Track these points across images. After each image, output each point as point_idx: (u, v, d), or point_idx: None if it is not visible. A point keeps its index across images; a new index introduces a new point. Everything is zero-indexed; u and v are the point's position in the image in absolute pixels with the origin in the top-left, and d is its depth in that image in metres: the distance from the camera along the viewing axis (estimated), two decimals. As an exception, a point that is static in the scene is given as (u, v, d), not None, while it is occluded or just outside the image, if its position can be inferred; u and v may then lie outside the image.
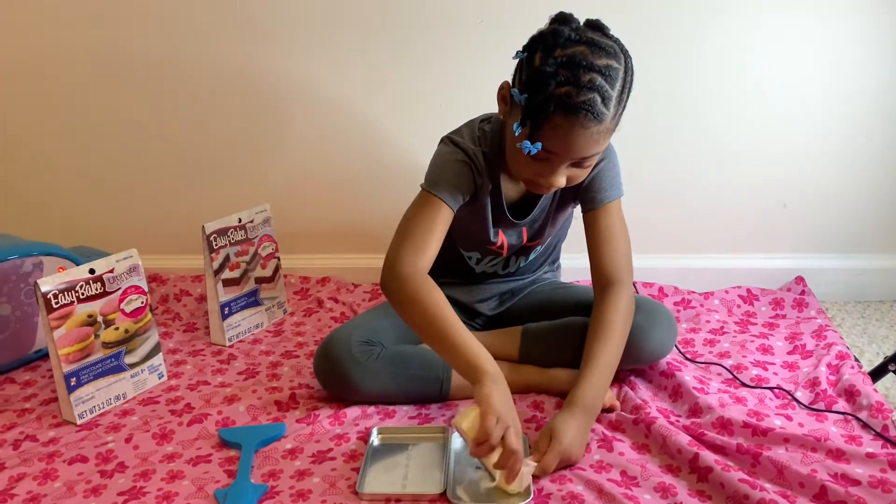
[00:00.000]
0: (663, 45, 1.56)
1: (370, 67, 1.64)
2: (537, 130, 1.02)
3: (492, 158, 1.20)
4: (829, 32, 1.53)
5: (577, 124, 1.00)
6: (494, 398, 0.98)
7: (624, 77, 1.04)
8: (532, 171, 1.10)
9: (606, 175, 1.21)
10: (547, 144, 1.03)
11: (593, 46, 1.01)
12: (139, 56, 1.68)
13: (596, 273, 1.21)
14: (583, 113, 0.99)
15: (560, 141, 1.03)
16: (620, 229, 1.22)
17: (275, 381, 1.32)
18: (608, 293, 1.18)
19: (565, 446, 1.03)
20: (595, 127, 1.01)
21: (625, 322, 1.17)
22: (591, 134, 1.02)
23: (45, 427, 1.20)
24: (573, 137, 1.02)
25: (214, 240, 1.43)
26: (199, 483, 1.04)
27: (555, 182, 1.08)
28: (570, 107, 0.99)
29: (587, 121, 1.00)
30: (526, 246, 1.33)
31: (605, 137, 1.05)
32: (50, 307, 1.15)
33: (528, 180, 1.13)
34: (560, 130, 1.01)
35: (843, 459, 1.02)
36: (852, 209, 1.65)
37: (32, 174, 1.80)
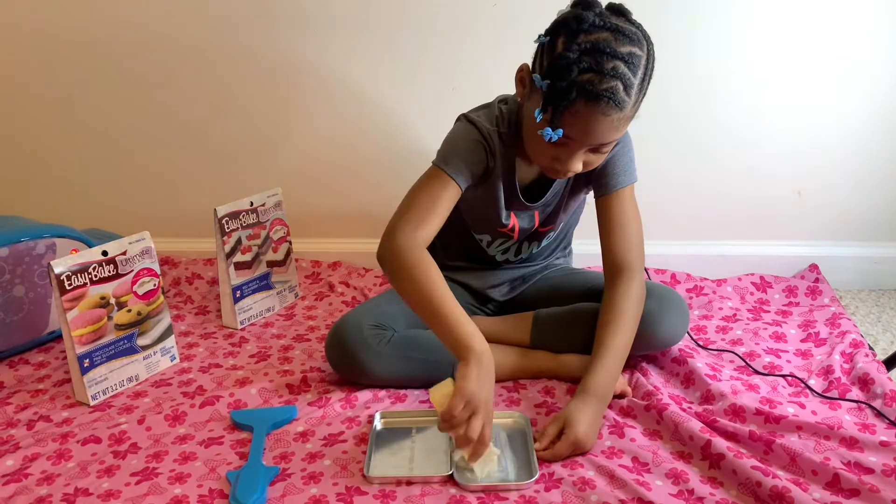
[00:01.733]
0: (681, 29, 1.55)
1: (382, 52, 1.63)
2: (559, 117, 1.01)
3: (507, 139, 1.19)
4: (847, 19, 1.51)
5: (598, 111, 1.00)
6: (470, 379, 0.97)
7: (646, 64, 1.03)
8: (549, 157, 1.09)
9: (620, 161, 1.21)
10: (567, 131, 1.02)
11: (617, 33, 1.00)
12: (153, 42, 1.68)
13: (607, 259, 1.21)
14: (605, 100, 0.98)
15: (580, 127, 1.02)
16: (633, 215, 1.22)
17: (286, 365, 1.32)
18: (619, 280, 1.17)
19: (579, 436, 1.03)
20: (616, 114, 1.01)
21: (636, 309, 1.17)
22: (612, 121, 1.01)
23: (59, 408, 1.21)
24: (594, 124, 1.01)
25: (226, 223, 1.43)
26: (211, 465, 1.04)
27: (572, 167, 1.08)
28: (592, 94, 0.98)
29: (609, 108, 0.99)
30: (538, 231, 1.32)
31: (625, 125, 1.05)
32: (63, 289, 1.16)
33: (545, 165, 1.12)
34: (581, 117, 1.01)
35: (856, 447, 1.02)
36: (867, 197, 1.63)
37: (46, 158, 1.81)
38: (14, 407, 1.21)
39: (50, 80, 1.74)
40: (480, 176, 1.21)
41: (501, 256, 1.37)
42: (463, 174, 1.16)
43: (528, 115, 1.08)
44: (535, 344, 1.27)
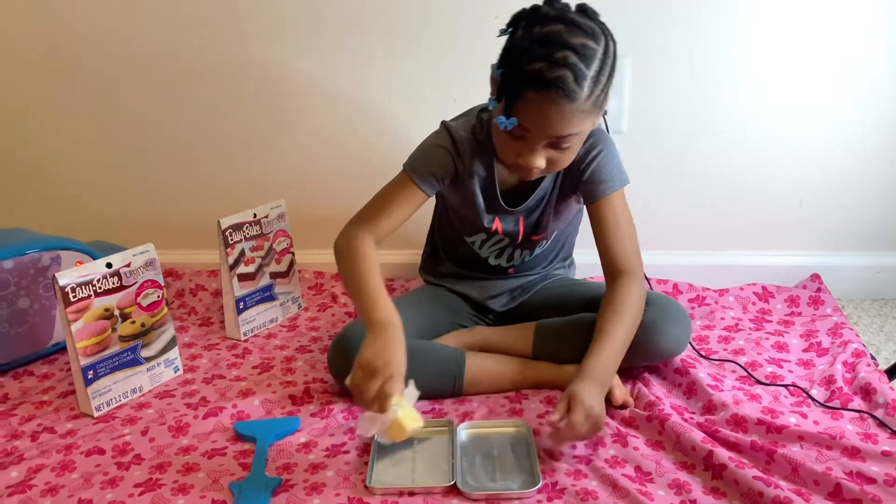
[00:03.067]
0: (682, 40, 1.56)
1: (386, 62, 1.64)
2: (512, 105, 1.04)
3: (485, 145, 1.22)
4: (850, 28, 1.52)
5: (549, 101, 1.01)
6: (366, 347, 1.01)
7: (602, 59, 1.03)
8: (512, 152, 1.11)
9: (605, 167, 1.22)
10: (521, 120, 1.05)
11: (571, 25, 1.02)
12: (157, 53, 1.69)
13: (606, 264, 1.22)
14: (554, 89, 1.00)
15: (534, 117, 1.04)
16: (625, 218, 1.23)
17: (289, 376, 1.33)
18: (619, 282, 1.19)
19: (589, 405, 1.02)
20: (568, 105, 1.01)
21: (636, 308, 1.17)
22: (564, 112, 1.02)
23: (63, 419, 1.21)
24: (546, 114, 1.03)
25: (230, 235, 1.43)
26: (215, 476, 1.05)
27: (534, 161, 1.09)
28: (542, 82, 1.00)
29: (559, 97, 1.01)
30: (530, 239, 1.33)
31: (582, 119, 1.05)
32: (68, 301, 1.16)
33: (512, 163, 1.14)
34: (533, 106, 1.03)
35: (858, 457, 1.02)
36: (869, 206, 1.63)
37: (50, 170, 1.82)
38: (19, 418, 1.22)
39: (54, 93, 1.75)
40: (451, 181, 1.24)
41: (495, 261, 1.37)
42: (426, 179, 1.22)
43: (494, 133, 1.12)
44: (537, 354, 1.28)
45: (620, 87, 1.59)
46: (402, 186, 1.22)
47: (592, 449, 1.09)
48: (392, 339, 1.04)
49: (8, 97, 1.77)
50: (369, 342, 1.03)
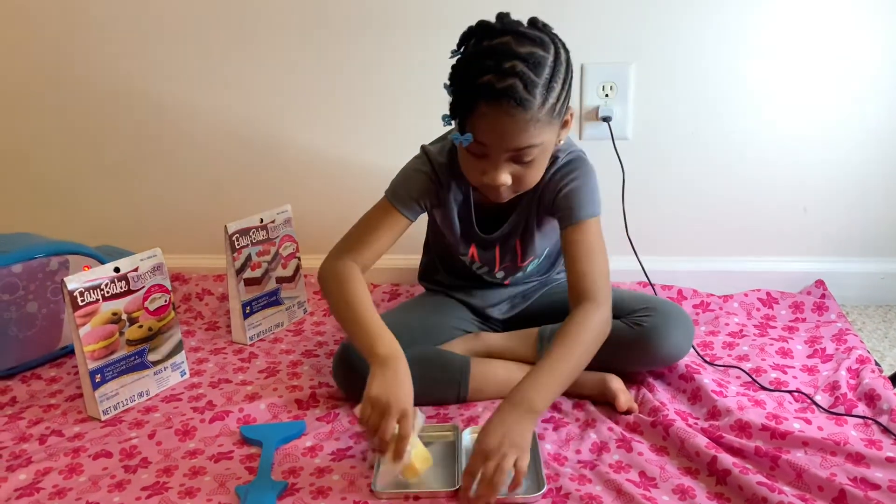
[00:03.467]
0: (686, 47, 1.56)
1: (392, 68, 1.65)
2: (466, 121, 1.04)
3: (460, 172, 1.20)
4: (856, 34, 1.52)
5: (502, 112, 1.01)
6: (373, 384, 1.00)
7: (553, 66, 1.03)
8: (477, 171, 1.10)
9: (578, 193, 1.18)
10: (478, 135, 1.05)
11: (519, 36, 1.02)
12: (163, 57, 1.70)
13: (572, 290, 1.15)
14: (506, 99, 1.00)
15: (489, 131, 1.04)
16: (597, 248, 1.17)
17: (295, 380, 1.34)
18: (579, 309, 1.11)
19: (487, 446, 0.97)
20: (521, 114, 1.01)
21: (593, 340, 1.09)
22: (518, 122, 1.02)
23: (71, 422, 1.22)
24: (501, 126, 1.03)
25: (236, 240, 1.44)
26: (221, 479, 1.05)
27: (498, 178, 1.08)
28: (492, 93, 1.00)
29: (511, 108, 1.00)
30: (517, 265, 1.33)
31: (539, 128, 1.04)
32: (76, 305, 1.17)
33: (478, 184, 1.13)
34: (487, 119, 1.02)
35: (862, 463, 1.02)
36: (873, 213, 1.63)
37: (58, 175, 1.83)
38: (27, 421, 1.23)
39: (62, 100, 1.76)
40: (433, 205, 1.25)
41: (489, 277, 1.37)
42: (408, 205, 1.21)
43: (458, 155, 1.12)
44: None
45: (625, 94, 1.59)
46: (385, 213, 1.21)
47: (597, 454, 1.09)
48: (398, 373, 1.03)
49: (14, 101, 1.78)
50: (376, 377, 1.01)
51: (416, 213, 1.23)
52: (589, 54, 1.59)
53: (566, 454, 1.10)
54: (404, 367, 1.04)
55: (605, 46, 1.58)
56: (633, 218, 1.51)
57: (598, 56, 1.59)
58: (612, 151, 1.55)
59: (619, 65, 1.59)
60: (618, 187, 1.53)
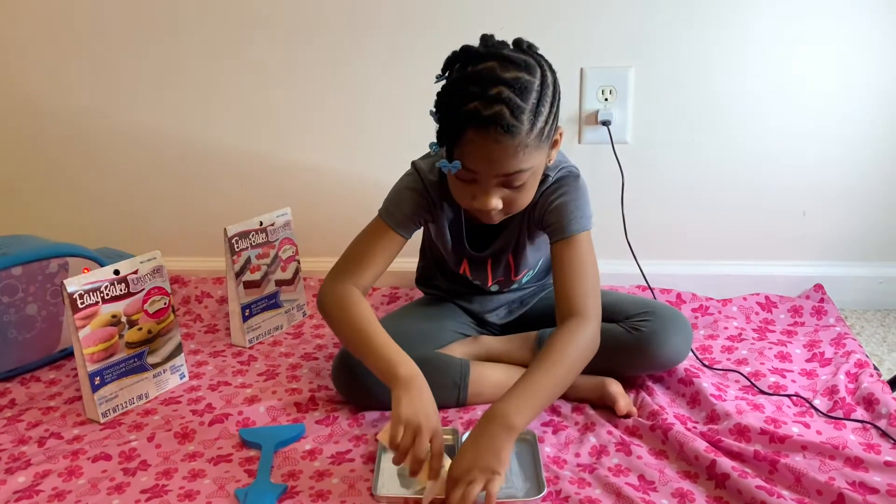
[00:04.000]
0: (684, 50, 1.57)
1: (394, 70, 1.65)
2: (454, 148, 1.03)
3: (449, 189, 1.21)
4: (854, 38, 1.53)
5: (490, 139, 0.99)
6: (400, 405, 1.00)
7: (540, 90, 1.02)
8: (468, 195, 1.09)
9: (567, 209, 1.17)
10: (466, 162, 1.03)
11: (504, 60, 1.00)
12: (162, 60, 1.70)
13: (559, 305, 1.12)
14: (493, 127, 0.98)
15: (477, 158, 1.02)
16: (587, 263, 1.15)
17: (294, 383, 1.34)
18: (570, 324, 1.09)
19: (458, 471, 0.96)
20: (509, 141, 0.99)
21: (579, 357, 1.07)
22: (507, 149, 1.00)
23: (70, 425, 1.22)
24: (489, 153, 1.01)
25: (236, 242, 1.44)
26: (220, 482, 1.05)
27: (489, 203, 1.06)
28: (479, 121, 0.98)
29: (499, 135, 0.99)
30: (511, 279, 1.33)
31: (528, 154, 1.02)
32: (76, 307, 1.17)
33: (469, 208, 1.12)
34: (474, 146, 1.01)
35: (861, 467, 1.02)
36: (873, 217, 1.64)
37: (58, 177, 1.83)
38: (26, 424, 1.23)
39: (61, 101, 1.76)
40: (429, 220, 1.24)
41: (484, 287, 1.37)
42: (403, 224, 1.21)
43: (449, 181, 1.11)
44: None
45: (624, 98, 1.60)
46: (381, 234, 1.21)
47: (596, 457, 1.09)
48: (423, 393, 1.03)
49: (15, 103, 1.78)
50: (402, 399, 1.01)
51: (410, 230, 1.23)
52: (588, 58, 1.59)
53: (566, 457, 1.10)
54: (427, 387, 1.04)
55: (604, 50, 1.59)
56: (632, 222, 1.51)
57: (597, 60, 1.59)
58: (612, 155, 1.55)
59: (618, 69, 1.59)
60: (617, 191, 1.53)
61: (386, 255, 1.21)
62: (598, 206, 1.23)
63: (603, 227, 1.20)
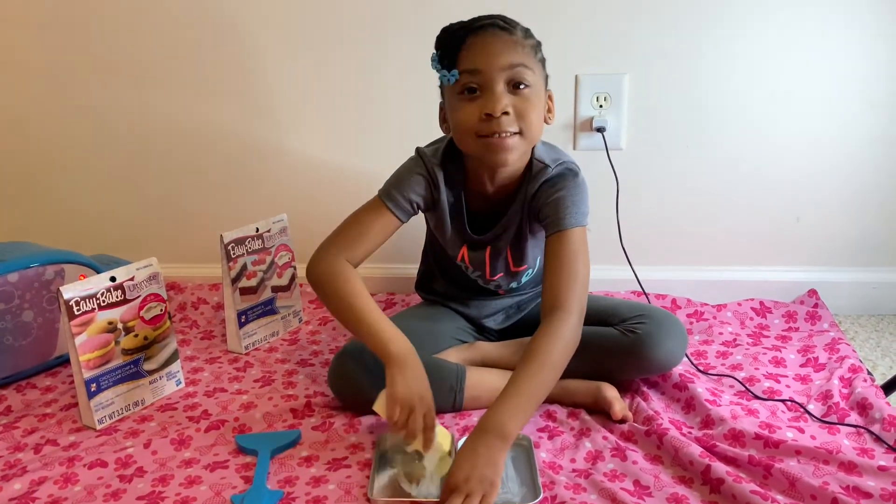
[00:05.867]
0: (679, 57, 1.58)
1: (389, 74, 1.66)
2: (455, 60, 1.12)
3: (453, 172, 1.24)
4: (846, 44, 1.54)
5: (489, 35, 1.11)
6: (396, 383, 1.07)
7: (527, 29, 1.15)
8: (475, 114, 1.13)
9: (564, 202, 1.18)
10: (469, 64, 1.11)
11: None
12: (160, 65, 1.71)
13: (545, 298, 1.14)
14: (490, 27, 1.12)
15: (478, 54, 1.11)
16: (577, 258, 1.15)
17: (290, 389, 1.34)
18: (552, 319, 1.09)
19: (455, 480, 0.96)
20: (506, 36, 1.11)
21: (563, 352, 1.08)
22: (506, 41, 1.11)
23: (66, 432, 1.22)
24: (490, 46, 1.11)
25: (232, 249, 1.45)
26: (217, 488, 1.05)
27: (499, 103, 1.10)
28: (477, 27, 1.12)
29: (497, 31, 1.11)
30: (511, 271, 1.34)
31: (527, 54, 1.12)
32: (72, 314, 1.17)
33: (478, 128, 1.13)
34: (476, 47, 1.11)
35: (855, 472, 1.03)
36: (866, 223, 1.65)
37: (54, 183, 1.83)
38: (21, 431, 1.22)
39: (57, 107, 1.77)
40: (426, 207, 1.26)
41: (483, 283, 1.38)
42: (401, 206, 1.22)
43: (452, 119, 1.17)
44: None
45: (619, 104, 1.61)
46: (377, 213, 1.22)
47: (591, 462, 1.10)
48: (416, 370, 1.09)
49: (11, 110, 1.78)
50: (396, 377, 1.06)
51: (408, 213, 1.24)
52: (583, 65, 1.60)
53: (561, 462, 1.10)
54: (419, 363, 1.10)
55: (599, 57, 1.60)
56: (627, 227, 1.52)
57: (592, 67, 1.60)
58: (607, 161, 1.56)
59: (613, 76, 1.60)
60: (612, 197, 1.54)
61: (380, 235, 1.23)
62: (593, 211, 1.23)
63: (598, 232, 1.21)
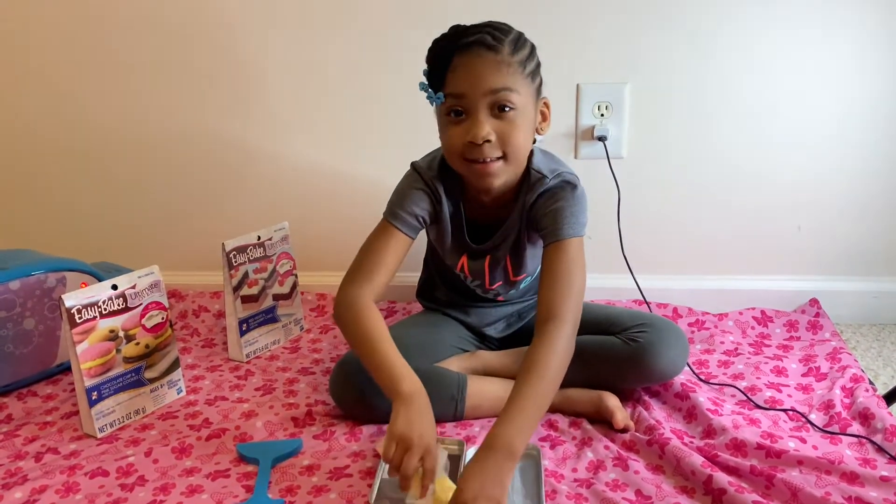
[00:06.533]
0: (680, 66, 1.58)
1: (392, 83, 1.66)
2: (442, 82, 1.11)
3: (451, 183, 1.24)
4: (847, 56, 1.54)
5: (473, 56, 1.09)
6: (397, 421, 1.01)
7: (518, 36, 1.13)
8: (460, 137, 1.13)
9: (562, 213, 1.18)
10: (453, 88, 1.11)
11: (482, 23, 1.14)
12: (163, 72, 1.71)
13: (540, 307, 1.13)
14: (475, 45, 1.09)
15: (462, 77, 1.10)
16: (575, 268, 1.15)
17: (291, 398, 1.34)
18: (547, 329, 1.09)
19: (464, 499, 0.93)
20: (492, 56, 1.09)
21: (560, 362, 1.07)
22: (490, 63, 1.09)
23: (67, 440, 1.22)
24: (474, 69, 1.10)
25: (234, 257, 1.45)
26: (218, 497, 1.05)
27: (481, 130, 1.11)
28: (463, 46, 1.10)
29: (482, 50, 1.09)
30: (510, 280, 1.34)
31: (513, 75, 1.10)
32: (74, 322, 1.17)
33: (462, 152, 1.14)
34: (461, 69, 1.10)
35: (857, 482, 1.02)
36: (868, 232, 1.65)
37: (56, 191, 1.83)
38: (22, 439, 1.22)
39: (59, 115, 1.77)
40: (431, 220, 1.27)
41: (482, 292, 1.38)
42: (408, 224, 1.23)
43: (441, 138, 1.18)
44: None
45: (620, 113, 1.61)
46: (388, 235, 1.23)
47: (593, 472, 1.10)
48: (422, 410, 1.04)
49: (12, 116, 1.79)
50: (400, 414, 1.02)
51: (415, 229, 1.25)
52: (584, 74, 1.60)
53: (563, 472, 1.10)
54: (427, 404, 1.05)
55: (600, 66, 1.60)
56: (628, 236, 1.52)
57: (593, 76, 1.61)
58: (608, 170, 1.56)
59: (614, 85, 1.60)
60: (613, 206, 1.54)
61: (394, 256, 1.23)
62: (594, 220, 1.24)
63: (599, 241, 1.21)
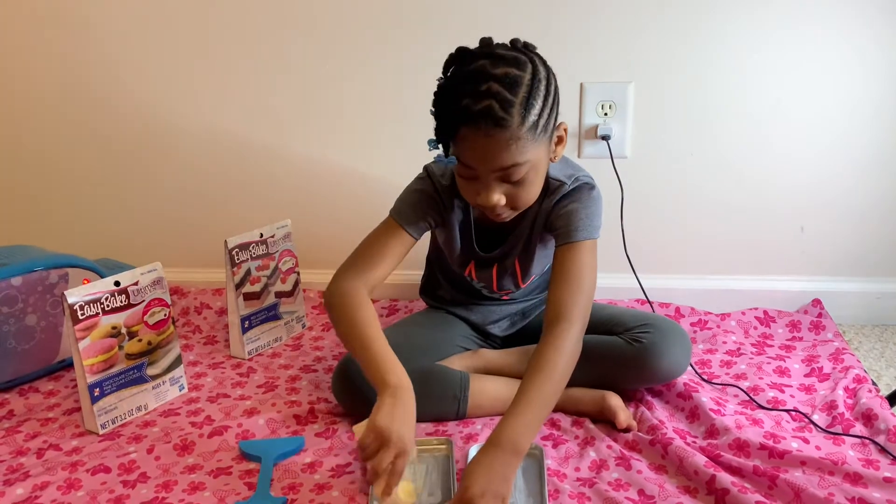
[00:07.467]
0: (683, 65, 1.58)
1: (396, 83, 1.66)
2: (449, 146, 1.06)
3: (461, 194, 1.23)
4: (851, 56, 1.54)
5: (481, 134, 1.02)
6: (381, 413, 1.00)
7: (531, 84, 1.03)
8: (472, 193, 1.11)
9: (575, 216, 1.18)
10: (463, 159, 1.06)
11: (494, 58, 1.03)
12: (166, 70, 1.71)
13: (549, 308, 1.12)
14: (483, 121, 1.00)
15: (472, 153, 1.05)
16: (585, 271, 1.14)
17: (294, 395, 1.34)
18: (556, 330, 1.08)
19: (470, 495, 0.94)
20: (500, 134, 1.01)
21: (567, 363, 1.07)
22: (499, 142, 1.02)
23: (68, 436, 1.22)
24: (483, 148, 1.03)
25: (236, 254, 1.45)
26: (220, 495, 1.05)
27: (490, 199, 1.08)
28: (470, 117, 1.01)
29: (489, 128, 1.01)
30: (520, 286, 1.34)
31: (523, 146, 1.04)
32: (76, 318, 1.17)
33: (474, 202, 1.13)
34: (468, 143, 1.04)
35: (860, 483, 1.02)
36: (870, 233, 1.64)
37: (59, 188, 1.83)
38: (24, 435, 1.22)
39: (61, 111, 1.77)
40: (438, 224, 1.26)
41: (487, 292, 1.38)
42: (414, 224, 1.22)
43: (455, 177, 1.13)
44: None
45: (623, 113, 1.61)
46: (391, 232, 1.22)
47: (596, 471, 1.09)
48: (406, 407, 1.02)
49: (15, 114, 1.79)
50: (384, 406, 1.01)
51: (421, 230, 1.24)
52: (588, 73, 1.60)
53: (565, 471, 1.10)
54: (412, 401, 1.04)
55: (603, 66, 1.60)
56: (631, 236, 1.52)
57: (596, 75, 1.60)
58: (611, 170, 1.56)
59: (618, 84, 1.60)
60: (616, 205, 1.54)
61: (396, 254, 1.22)
62: (598, 219, 1.23)
63: (602, 240, 1.20)
